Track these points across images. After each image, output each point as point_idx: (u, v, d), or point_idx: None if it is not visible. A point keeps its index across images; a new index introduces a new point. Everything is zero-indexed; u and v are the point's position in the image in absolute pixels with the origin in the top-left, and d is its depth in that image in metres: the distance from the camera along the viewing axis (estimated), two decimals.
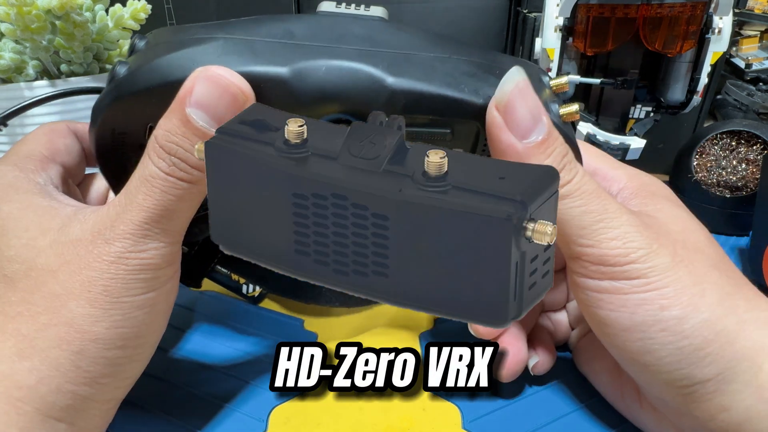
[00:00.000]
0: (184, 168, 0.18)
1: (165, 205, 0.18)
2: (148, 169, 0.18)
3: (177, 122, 0.18)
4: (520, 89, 0.18)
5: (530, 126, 0.18)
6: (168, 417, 0.25)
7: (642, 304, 0.19)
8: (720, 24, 0.36)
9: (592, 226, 0.19)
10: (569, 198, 0.19)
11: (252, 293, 0.31)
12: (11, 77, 0.43)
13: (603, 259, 0.19)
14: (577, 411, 0.25)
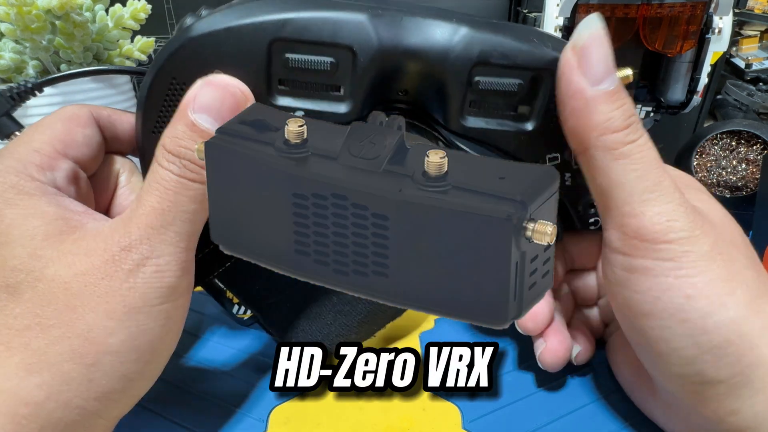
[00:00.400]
0: (194, 169, 0.19)
1: (179, 206, 0.19)
2: (159, 174, 0.19)
3: (183, 128, 0.19)
4: (599, 35, 0.19)
5: (603, 73, 0.18)
6: (168, 417, 0.25)
7: (668, 290, 0.18)
8: (720, 24, 0.36)
9: (643, 195, 0.18)
10: (629, 160, 0.18)
11: (242, 315, 0.29)
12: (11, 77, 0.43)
13: (641, 233, 0.18)
14: (577, 411, 0.25)
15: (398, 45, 0.20)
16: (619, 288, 0.20)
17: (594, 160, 0.19)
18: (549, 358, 0.24)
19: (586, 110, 0.19)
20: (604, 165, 0.19)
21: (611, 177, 0.19)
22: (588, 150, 0.19)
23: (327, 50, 0.20)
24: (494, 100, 0.21)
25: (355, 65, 0.20)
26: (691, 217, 0.19)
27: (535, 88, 0.21)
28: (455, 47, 0.20)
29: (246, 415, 0.25)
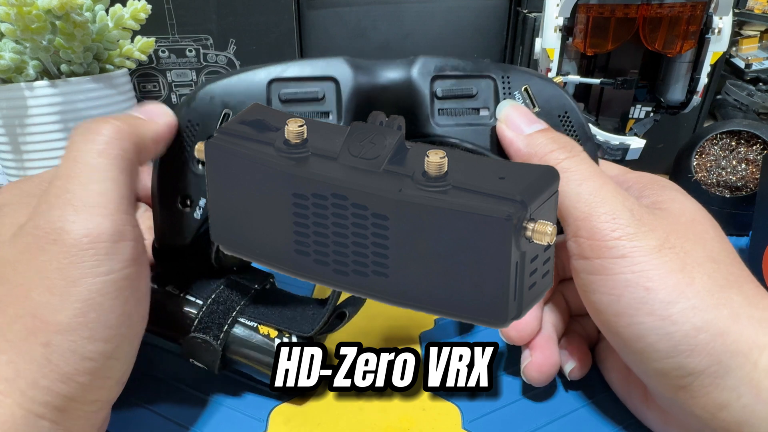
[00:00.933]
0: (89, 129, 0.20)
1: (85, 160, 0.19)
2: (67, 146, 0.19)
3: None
4: (512, 104, 0.24)
5: (528, 121, 0.23)
6: (168, 417, 0.25)
7: (627, 286, 0.19)
8: (720, 24, 0.36)
9: (588, 199, 0.20)
10: (569, 172, 0.21)
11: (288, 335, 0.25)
12: (11, 77, 0.43)
13: (592, 233, 0.20)
14: (577, 411, 0.25)
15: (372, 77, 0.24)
16: (588, 293, 0.21)
17: None
18: (533, 373, 0.25)
19: (525, 144, 0.22)
20: None
21: (561, 190, 0.20)
22: None
23: (314, 83, 0.24)
24: (457, 104, 0.25)
25: (339, 94, 0.24)
26: (637, 215, 0.20)
27: (488, 92, 0.25)
28: (414, 70, 0.25)
29: (246, 415, 0.25)
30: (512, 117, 0.23)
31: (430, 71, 0.25)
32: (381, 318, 0.32)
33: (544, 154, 0.22)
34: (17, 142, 0.44)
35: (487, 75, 0.25)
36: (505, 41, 0.58)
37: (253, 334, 0.25)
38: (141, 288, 0.20)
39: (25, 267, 0.18)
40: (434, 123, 0.24)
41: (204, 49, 0.56)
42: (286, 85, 0.24)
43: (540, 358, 0.25)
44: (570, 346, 0.26)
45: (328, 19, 0.56)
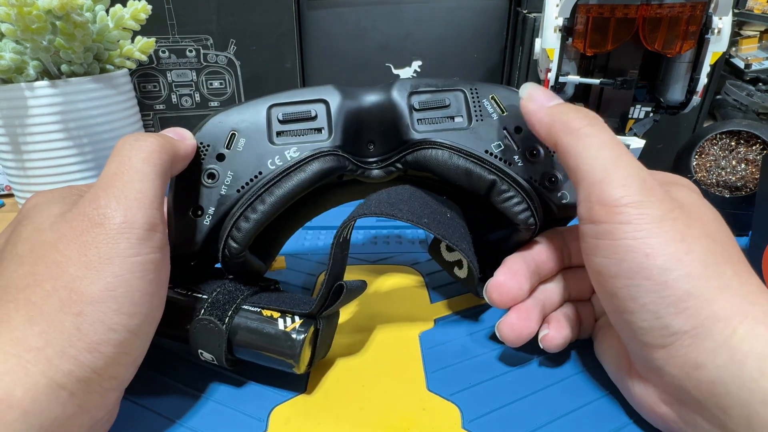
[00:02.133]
0: (137, 137, 0.23)
1: (132, 167, 0.22)
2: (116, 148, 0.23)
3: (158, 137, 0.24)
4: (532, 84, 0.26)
5: (550, 96, 0.25)
6: (168, 417, 0.25)
7: (630, 251, 0.21)
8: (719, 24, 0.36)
9: (604, 166, 0.22)
10: (590, 138, 0.23)
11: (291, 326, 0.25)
12: (12, 77, 0.43)
13: (603, 198, 0.22)
14: (577, 411, 0.25)
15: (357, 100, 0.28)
16: (592, 256, 0.23)
17: (563, 146, 0.24)
18: (505, 329, 0.27)
19: (547, 113, 0.25)
20: (571, 146, 0.23)
21: (578, 154, 0.23)
22: (558, 141, 0.24)
23: (308, 105, 0.28)
24: (434, 114, 0.28)
25: (329, 113, 0.28)
26: (648, 185, 0.22)
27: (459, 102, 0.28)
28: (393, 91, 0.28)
29: (246, 415, 0.25)
30: (535, 93, 0.25)
31: (407, 89, 0.28)
32: (381, 318, 0.32)
33: (567, 120, 0.24)
34: (17, 142, 0.44)
35: (457, 88, 0.28)
36: (505, 41, 0.58)
37: (256, 316, 0.25)
38: (163, 273, 0.23)
39: (65, 246, 0.20)
40: (414, 130, 0.28)
41: (204, 49, 0.56)
42: (283, 108, 0.27)
43: (514, 318, 0.27)
44: (551, 320, 0.28)
45: (328, 19, 0.56)
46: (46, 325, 0.19)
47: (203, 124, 0.27)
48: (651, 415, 0.23)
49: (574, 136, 0.23)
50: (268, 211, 0.26)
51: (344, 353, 0.29)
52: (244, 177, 0.26)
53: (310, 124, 0.27)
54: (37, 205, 0.23)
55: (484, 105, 0.28)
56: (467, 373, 0.27)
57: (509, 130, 0.28)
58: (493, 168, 0.28)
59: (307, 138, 0.27)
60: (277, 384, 0.27)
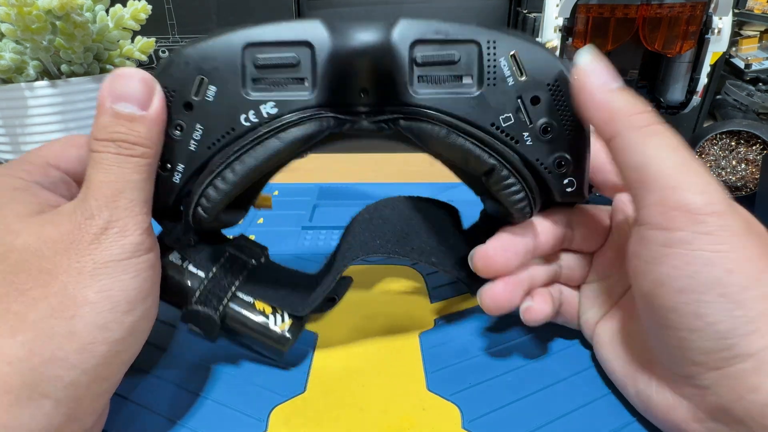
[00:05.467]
0: (129, 147, 0.21)
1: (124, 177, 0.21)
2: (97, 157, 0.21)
3: (109, 118, 0.22)
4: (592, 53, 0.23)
5: (613, 76, 0.22)
6: (168, 417, 0.25)
7: (707, 264, 0.19)
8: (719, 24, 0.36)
9: (680, 168, 0.20)
10: (661, 136, 0.21)
11: (282, 326, 0.26)
12: (11, 77, 0.43)
13: (682, 203, 0.19)
14: (577, 411, 0.25)
15: (348, 40, 0.23)
16: (654, 266, 0.20)
17: (626, 140, 0.21)
18: (486, 297, 0.26)
19: (611, 98, 0.21)
20: (638, 143, 0.21)
21: (647, 153, 0.20)
22: (618, 133, 0.21)
23: (290, 48, 0.23)
24: (439, 72, 0.24)
25: (314, 60, 0.23)
26: (724, 194, 0.20)
27: (471, 58, 0.24)
28: (394, 33, 0.24)
29: (246, 415, 0.25)
30: (597, 67, 0.22)
31: (411, 36, 0.24)
32: (380, 318, 0.32)
33: (636, 112, 0.21)
34: (17, 142, 0.44)
35: (472, 40, 0.24)
36: None
37: (249, 309, 0.26)
38: (156, 271, 0.22)
39: (54, 254, 0.20)
40: (412, 91, 0.24)
41: None
42: (260, 50, 0.23)
43: (500, 289, 0.26)
44: (535, 294, 0.27)
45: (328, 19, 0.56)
46: (32, 333, 0.18)
47: (168, 65, 0.23)
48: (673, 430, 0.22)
49: (641, 133, 0.21)
50: (238, 183, 0.23)
51: (344, 353, 0.29)
52: (214, 132, 0.23)
53: (292, 72, 0.23)
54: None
55: (501, 65, 0.23)
56: (467, 373, 0.27)
57: (525, 100, 0.24)
58: (496, 148, 0.24)
59: (288, 91, 0.23)
60: (277, 384, 0.26)
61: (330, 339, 0.30)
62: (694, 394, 0.21)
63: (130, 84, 0.22)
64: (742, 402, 0.19)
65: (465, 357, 0.29)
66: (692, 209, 0.19)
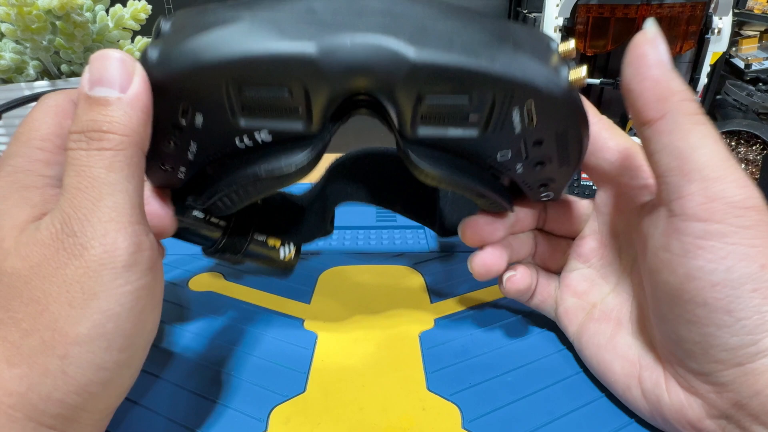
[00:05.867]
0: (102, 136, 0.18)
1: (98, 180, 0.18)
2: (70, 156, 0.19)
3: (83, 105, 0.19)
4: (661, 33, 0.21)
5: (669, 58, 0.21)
6: (168, 417, 0.25)
7: (743, 259, 0.19)
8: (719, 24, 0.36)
9: (722, 160, 0.19)
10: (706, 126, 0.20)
11: (288, 256, 0.33)
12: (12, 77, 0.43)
13: (725, 196, 0.19)
14: (577, 411, 0.25)
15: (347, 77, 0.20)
16: (687, 259, 0.20)
17: (674, 123, 0.20)
18: (477, 264, 0.27)
19: (669, 76, 0.20)
20: (685, 128, 0.20)
21: (692, 140, 0.20)
22: (667, 114, 0.20)
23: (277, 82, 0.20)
24: (445, 113, 0.21)
25: (307, 95, 0.20)
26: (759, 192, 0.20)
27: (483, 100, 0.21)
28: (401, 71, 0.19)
29: (246, 415, 0.25)
30: (660, 43, 0.20)
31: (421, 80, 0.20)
32: (380, 318, 0.32)
33: (688, 98, 0.20)
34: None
35: (487, 87, 0.20)
36: None
37: (263, 246, 0.32)
38: (156, 294, 0.20)
39: (42, 281, 0.18)
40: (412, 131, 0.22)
41: None
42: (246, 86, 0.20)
43: (488, 254, 0.27)
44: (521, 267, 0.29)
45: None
46: (27, 368, 0.17)
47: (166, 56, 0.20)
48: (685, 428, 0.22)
49: (691, 119, 0.20)
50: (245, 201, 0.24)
51: (344, 353, 0.29)
52: (211, 150, 0.22)
53: (283, 103, 0.21)
54: None
55: (512, 115, 0.21)
56: (467, 373, 0.27)
57: (528, 142, 0.22)
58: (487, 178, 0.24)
59: (281, 120, 0.21)
60: (277, 384, 0.26)
61: (330, 339, 0.30)
62: (710, 391, 0.21)
63: (107, 65, 0.19)
64: (759, 397, 0.19)
65: (465, 357, 0.29)
66: (733, 202, 0.19)
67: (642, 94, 0.21)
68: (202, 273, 0.37)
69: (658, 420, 0.23)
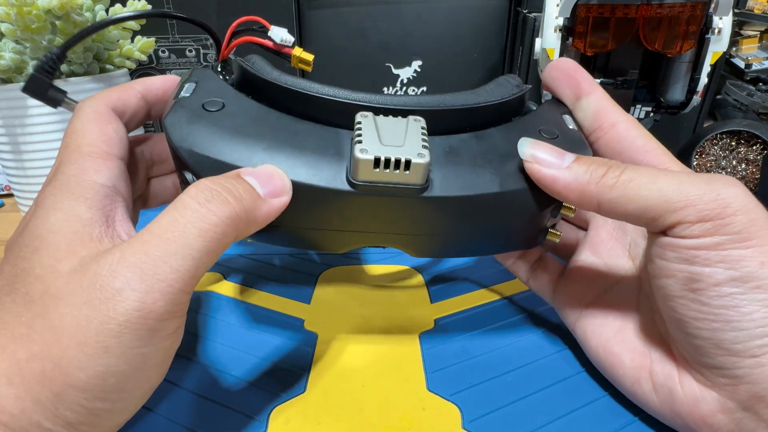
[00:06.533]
0: (222, 201, 0.19)
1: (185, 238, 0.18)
2: (182, 200, 0.19)
3: (230, 176, 0.20)
4: (532, 142, 0.23)
5: (557, 157, 0.22)
6: (168, 417, 0.25)
7: (741, 260, 0.19)
8: (720, 24, 0.36)
9: (677, 189, 0.20)
10: (636, 179, 0.21)
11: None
12: (11, 77, 0.43)
13: (704, 215, 0.20)
14: (577, 411, 0.25)
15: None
16: (685, 265, 0.21)
17: (612, 201, 0.21)
18: None
19: (572, 179, 0.22)
20: (622, 197, 0.21)
21: (638, 199, 0.21)
22: (600, 199, 0.22)
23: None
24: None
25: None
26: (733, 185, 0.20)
27: None
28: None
29: (246, 415, 0.25)
30: (541, 156, 0.22)
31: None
32: (380, 318, 0.32)
33: (599, 178, 0.22)
34: (17, 142, 0.44)
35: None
36: (505, 41, 0.58)
37: None
38: (169, 354, 0.20)
39: (67, 308, 0.17)
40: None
41: (204, 49, 0.56)
42: None
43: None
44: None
45: (328, 19, 0.56)
46: (23, 391, 0.17)
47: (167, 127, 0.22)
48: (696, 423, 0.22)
49: (617, 188, 0.21)
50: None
51: (344, 353, 0.29)
52: None
53: None
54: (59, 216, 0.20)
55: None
56: (467, 373, 0.27)
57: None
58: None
59: None
60: (277, 384, 0.26)
61: (330, 339, 0.30)
62: (725, 384, 0.21)
63: (273, 174, 0.21)
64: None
65: (465, 357, 0.29)
66: (714, 215, 0.20)
67: (570, 202, 0.23)
68: None
69: (667, 415, 0.23)
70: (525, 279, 0.31)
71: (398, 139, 0.21)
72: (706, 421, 0.21)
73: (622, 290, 0.27)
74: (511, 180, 0.23)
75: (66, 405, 0.17)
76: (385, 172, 0.21)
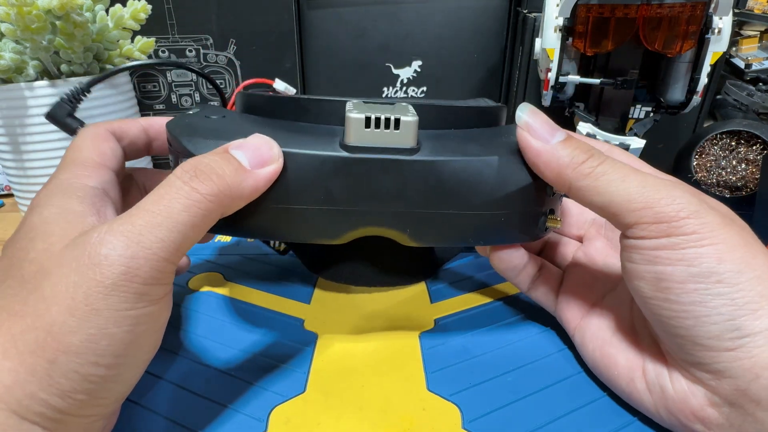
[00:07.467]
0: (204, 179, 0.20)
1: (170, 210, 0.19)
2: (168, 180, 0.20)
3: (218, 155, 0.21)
4: (532, 110, 0.24)
5: (550, 132, 0.23)
6: (168, 417, 0.25)
7: (699, 257, 0.20)
8: (720, 24, 0.36)
9: (640, 190, 0.22)
10: (609, 174, 0.22)
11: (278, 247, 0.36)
12: (11, 77, 0.43)
13: (660, 217, 0.21)
14: (577, 411, 0.25)
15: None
16: (649, 266, 0.22)
17: (582, 189, 0.23)
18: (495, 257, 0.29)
19: (554, 158, 0.23)
20: (592, 187, 0.22)
21: (604, 194, 0.22)
22: (572, 184, 0.23)
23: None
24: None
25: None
26: (694, 196, 0.22)
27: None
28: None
29: (246, 415, 0.25)
30: (534, 124, 0.24)
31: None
32: (380, 318, 0.32)
33: (577, 164, 0.23)
34: (17, 142, 0.44)
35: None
36: (505, 41, 0.58)
37: None
38: (158, 323, 0.20)
39: (58, 279, 0.18)
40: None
41: (204, 49, 0.56)
42: None
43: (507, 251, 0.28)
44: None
45: (328, 19, 0.56)
46: (18, 363, 0.17)
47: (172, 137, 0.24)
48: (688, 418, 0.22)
49: (590, 178, 0.22)
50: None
51: (344, 353, 0.29)
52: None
53: None
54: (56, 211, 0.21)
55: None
56: (467, 373, 0.27)
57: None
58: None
59: None
60: (277, 384, 0.26)
61: (330, 339, 0.30)
62: (710, 379, 0.21)
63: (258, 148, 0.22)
64: (760, 381, 0.19)
65: (465, 357, 0.29)
66: (668, 219, 0.21)
67: (544, 177, 0.24)
68: (202, 273, 0.37)
69: (661, 412, 0.23)
70: (526, 290, 0.31)
71: (388, 109, 0.23)
72: (697, 415, 0.22)
73: (617, 295, 0.27)
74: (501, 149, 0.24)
75: (60, 372, 0.18)
76: (375, 131, 0.22)
